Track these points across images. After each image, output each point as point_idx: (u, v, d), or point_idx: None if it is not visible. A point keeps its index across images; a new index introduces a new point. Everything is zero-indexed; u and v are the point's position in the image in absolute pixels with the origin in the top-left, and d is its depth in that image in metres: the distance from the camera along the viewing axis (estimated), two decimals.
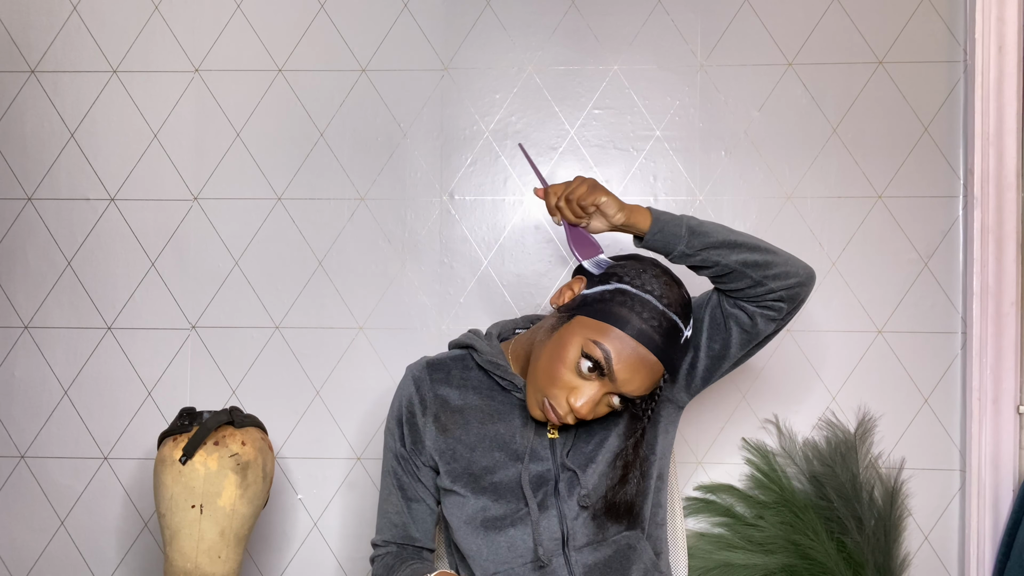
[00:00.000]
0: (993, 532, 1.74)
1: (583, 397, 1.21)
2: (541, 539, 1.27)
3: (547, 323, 1.30)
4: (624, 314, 1.20)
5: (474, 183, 1.85)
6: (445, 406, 1.35)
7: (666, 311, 1.21)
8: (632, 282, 1.22)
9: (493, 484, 1.30)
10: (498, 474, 1.30)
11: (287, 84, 1.86)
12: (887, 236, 1.80)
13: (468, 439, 1.33)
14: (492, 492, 1.30)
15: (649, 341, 1.19)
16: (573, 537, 1.28)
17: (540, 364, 1.24)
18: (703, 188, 1.82)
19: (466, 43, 1.85)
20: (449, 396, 1.36)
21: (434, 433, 1.34)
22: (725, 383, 1.80)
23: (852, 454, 1.76)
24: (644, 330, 1.19)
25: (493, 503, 1.30)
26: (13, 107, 1.88)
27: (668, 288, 1.23)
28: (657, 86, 1.83)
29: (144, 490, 1.85)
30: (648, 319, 1.20)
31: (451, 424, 1.34)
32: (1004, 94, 1.75)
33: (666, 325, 1.20)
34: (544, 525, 1.28)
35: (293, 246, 1.85)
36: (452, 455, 1.33)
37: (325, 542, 1.84)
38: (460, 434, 1.33)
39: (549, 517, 1.28)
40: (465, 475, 1.32)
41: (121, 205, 1.87)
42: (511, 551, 1.29)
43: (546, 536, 1.28)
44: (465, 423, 1.34)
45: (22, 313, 1.87)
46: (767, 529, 1.73)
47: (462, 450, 1.32)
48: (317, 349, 1.84)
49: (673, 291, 1.23)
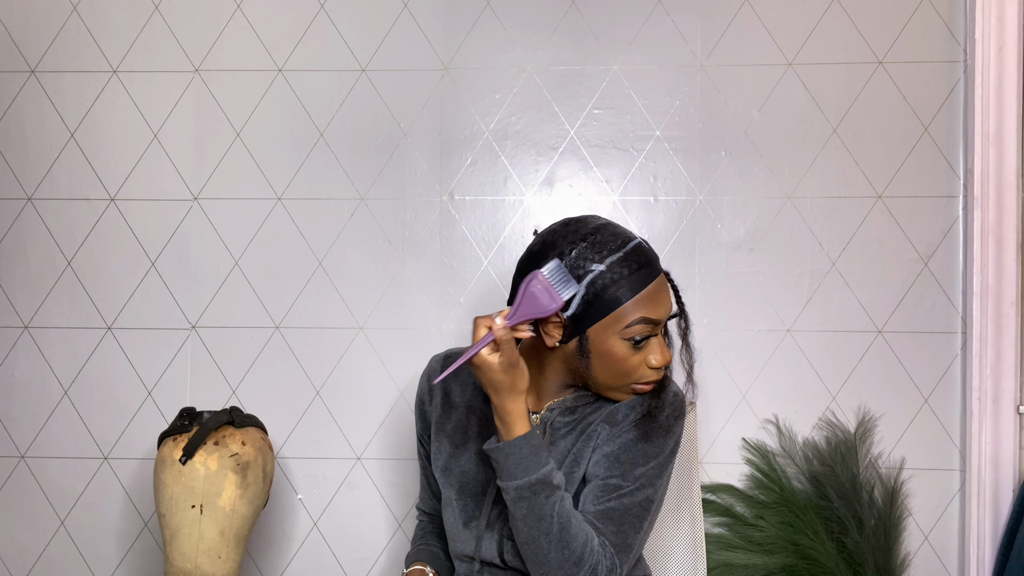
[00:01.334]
0: (993, 532, 1.74)
1: (655, 353, 1.24)
2: (480, 552, 1.29)
3: (561, 353, 1.26)
4: (614, 291, 1.20)
5: (474, 183, 1.84)
6: (446, 398, 1.38)
7: (630, 249, 1.22)
8: (587, 266, 1.20)
9: (461, 484, 1.32)
10: (468, 476, 1.32)
11: (287, 84, 1.86)
12: (887, 236, 1.80)
13: (454, 435, 1.35)
14: (458, 490, 1.32)
15: (648, 277, 1.22)
16: (511, 562, 1.28)
17: (602, 379, 1.25)
18: (703, 188, 1.82)
19: (466, 43, 1.85)
20: (452, 391, 1.38)
21: (433, 420, 1.38)
22: (725, 383, 1.80)
23: (852, 454, 1.76)
24: (639, 276, 1.21)
25: (458, 500, 1.32)
26: (13, 107, 1.88)
27: (604, 231, 1.22)
28: (657, 86, 1.83)
29: (144, 490, 1.85)
30: (631, 269, 1.21)
31: (443, 417, 1.37)
32: (1004, 94, 1.75)
33: (644, 255, 1.22)
34: (486, 541, 1.29)
35: (293, 246, 1.85)
36: (438, 446, 1.37)
37: (325, 542, 1.84)
38: (449, 428, 1.36)
39: (491, 538, 1.29)
40: (442, 468, 1.35)
41: (121, 205, 1.87)
42: (465, 546, 1.31)
43: (487, 551, 1.29)
44: (455, 419, 1.36)
45: (22, 313, 1.87)
46: (767, 529, 1.73)
47: (447, 444, 1.36)
48: (317, 349, 1.84)
49: (607, 230, 1.23)
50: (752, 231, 1.81)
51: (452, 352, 1.42)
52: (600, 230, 1.23)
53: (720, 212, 1.82)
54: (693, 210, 1.82)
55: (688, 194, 1.83)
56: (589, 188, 1.83)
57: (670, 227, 1.83)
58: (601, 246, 1.21)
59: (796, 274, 1.81)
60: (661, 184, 1.83)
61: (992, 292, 1.74)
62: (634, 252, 1.21)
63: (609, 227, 1.24)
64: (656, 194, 1.83)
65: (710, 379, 1.79)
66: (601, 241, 1.21)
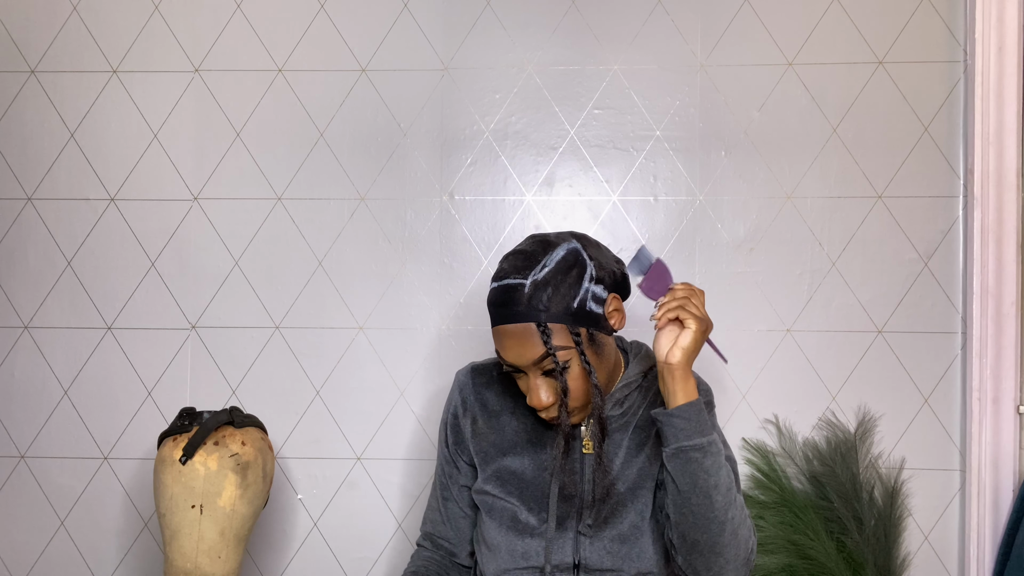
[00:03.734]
0: (993, 532, 1.74)
1: (529, 394, 1.25)
2: (552, 557, 1.27)
3: (612, 341, 1.30)
4: (491, 314, 1.25)
5: (474, 183, 1.84)
6: (484, 408, 1.37)
7: (497, 286, 1.23)
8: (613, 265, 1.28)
9: (520, 490, 1.31)
10: (526, 480, 1.31)
11: (287, 84, 1.86)
12: (887, 236, 1.80)
13: (502, 443, 1.34)
14: (518, 497, 1.31)
15: (496, 316, 1.23)
16: (586, 564, 1.27)
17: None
18: (703, 188, 1.82)
19: (466, 43, 1.85)
20: (488, 399, 1.37)
21: (471, 433, 1.36)
22: (725, 383, 1.80)
23: (852, 454, 1.76)
24: (495, 315, 1.23)
25: (518, 507, 1.30)
26: (13, 107, 1.88)
27: (504, 262, 1.25)
28: (657, 86, 1.83)
29: (144, 490, 1.85)
30: (494, 305, 1.23)
31: (487, 427, 1.36)
32: (1004, 94, 1.75)
33: (503, 297, 1.22)
34: (558, 545, 1.28)
35: (293, 246, 1.85)
36: (484, 456, 1.34)
37: (325, 542, 1.84)
38: (495, 438, 1.35)
39: (565, 538, 1.28)
40: (495, 478, 1.33)
41: (121, 205, 1.87)
42: (524, 559, 1.29)
43: (557, 555, 1.27)
44: (500, 427, 1.35)
45: (22, 313, 1.87)
46: (767, 529, 1.73)
47: (494, 453, 1.34)
48: (317, 349, 1.84)
49: (507, 261, 1.24)
50: (752, 231, 1.81)
51: (477, 365, 1.41)
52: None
53: (720, 212, 1.82)
54: (693, 210, 1.82)
55: (688, 194, 1.83)
56: (589, 188, 1.83)
57: (670, 227, 1.83)
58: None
59: (796, 274, 1.81)
60: (661, 184, 1.83)
61: (992, 292, 1.75)
62: (494, 291, 1.25)
63: (502, 265, 1.27)
64: (656, 194, 1.83)
65: (710, 379, 1.79)
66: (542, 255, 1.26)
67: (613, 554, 1.27)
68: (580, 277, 1.21)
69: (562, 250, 1.23)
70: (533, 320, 1.20)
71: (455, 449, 1.39)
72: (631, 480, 1.29)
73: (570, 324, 1.21)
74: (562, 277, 1.21)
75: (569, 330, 1.21)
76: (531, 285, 1.20)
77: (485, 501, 1.34)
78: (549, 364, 1.22)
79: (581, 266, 1.22)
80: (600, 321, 1.23)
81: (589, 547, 1.27)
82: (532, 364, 1.21)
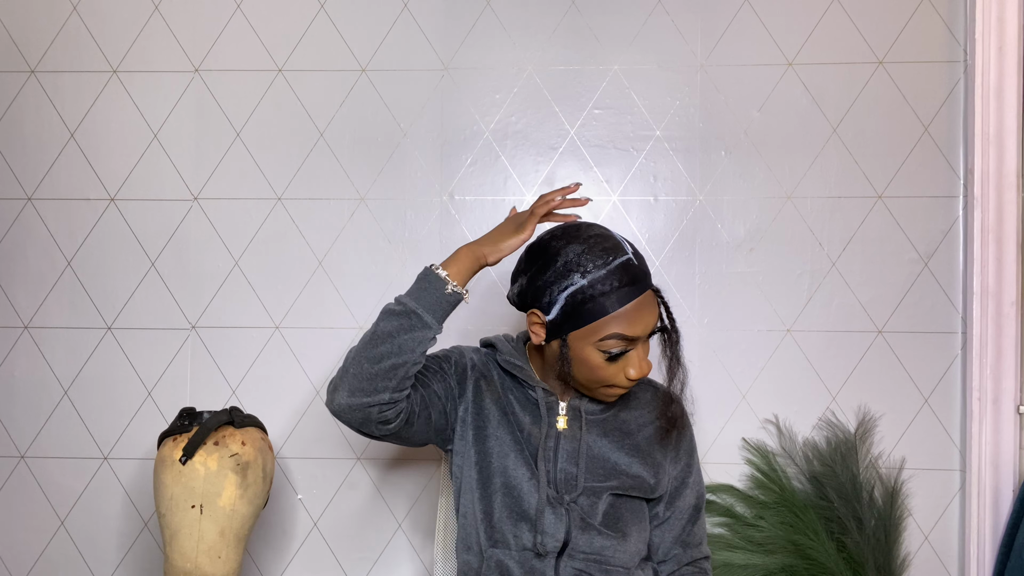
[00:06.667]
0: (993, 532, 1.74)
1: (632, 367, 1.27)
2: (544, 538, 1.30)
3: (550, 351, 1.32)
4: (591, 306, 1.23)
5: (474, 183, 1.84)
6: (478, 393, 1.37)
7: (615, 266, 1.24)
8: (571, 278, 1.24)
9: (505, 482, 1.32)
10: (511, 467, 1.32)
11: (287, 84, 1.86)
12: (887, 236, 1.80)
13: (493, 438, 1.35)
14: (504, 488, 1.32)
15: (629, 295, 1.24)
16: (574, 542, 1.30)
17: (580, 379, 1.31)
18: (703, 188, 1.82)
19: (466, 43, 1.85)
20: (484, 393, 1.37)
21: (472, 393, 1.36)
22: (725, 383, 1.80)
23: (852, 454, 1.76)
24: (620, 294, 1.23)
25: (504, 495, 1.32)
26: (13, 107, 1.88)
27: (595, 243, 1.25)
28: (657, 86, 1.83)
29: (144, 490, 1.85)
30: (613, 286, 1.23)
31: (476, 410, 1.36)
32: (1004, 94, 1.75)
33: (629, 272, 1.24)
34: (549, 520, 1.30)
35: (293, 246, 1.85)
36: (481, 454, 1.35)
37: (325, 542, 1.84)
38: (488, 428, 1.36)
39: (559, 515, 1.30)
40: (483, 474, 1.34)
41: (121, 205, 1.87)
42: (516, 540, 1.31)
43: (549, 533, 1.30)
44: (491, 418, 1.36)
45: (22, 313, 1.87)
46: (767, 529, 1.73)
47: (493, 446, 1.34)
48: (317, 349, 1.84)
49: (597, 241, 1.25)
50: (752, 231, 1.81)
51: (485, 341, 1.43)
52: (591, 241, 1.25)
53: (720, 212, 1.82)
54: (693, 210, 1.82)
55: (688, 194, 1.83)
56: (589, 188, 1.83)
57: (670, 227, 1.83)
58: (588, 259, 1.24)
59: (796, 274, 1.81)
60: (661, 184, 1.83)
61: (992, 292, 1.74)
62: (619, 269, 1.24)
63: (602, 239, 1.26)
64: (656, 194, 1.83)
65: (710, 379, 1.79)
66: (589, 253, 1.24)
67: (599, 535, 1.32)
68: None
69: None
70: (654, 289, 1.29)
71: (458, 379, 1.37)
72: (605, 466, 1.33)
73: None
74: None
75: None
76: (636, 256, 1.28)
77: (470, 479, 1.35)
78: (658, 325, 1.30)
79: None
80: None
81: (576, 529, 1.30)
82: (652, 329, 1.28)
